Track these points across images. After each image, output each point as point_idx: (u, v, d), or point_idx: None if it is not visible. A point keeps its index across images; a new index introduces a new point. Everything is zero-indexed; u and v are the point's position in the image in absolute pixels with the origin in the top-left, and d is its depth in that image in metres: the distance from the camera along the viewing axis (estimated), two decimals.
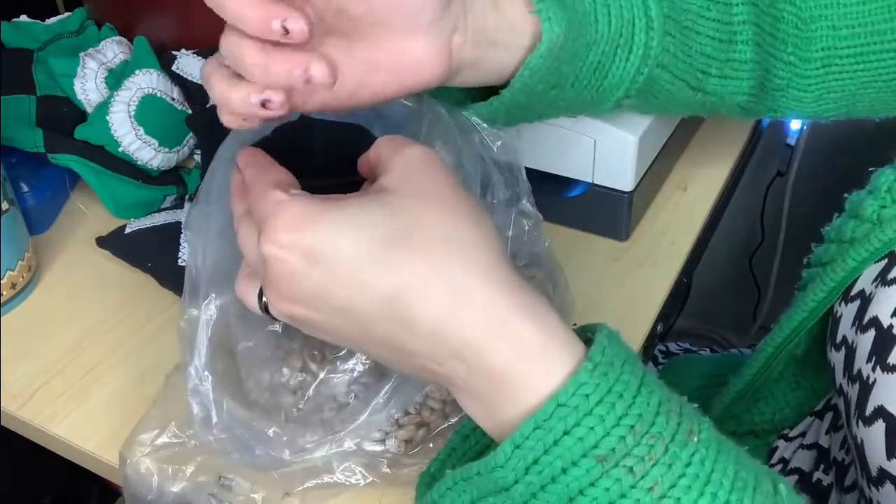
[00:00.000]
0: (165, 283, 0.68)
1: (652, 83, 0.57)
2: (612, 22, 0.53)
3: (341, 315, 0.40)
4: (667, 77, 0.57)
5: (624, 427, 0.37)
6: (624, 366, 0.39)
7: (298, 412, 0.51)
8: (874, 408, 0.46)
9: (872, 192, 0.51)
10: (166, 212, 0.73)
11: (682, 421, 0.38)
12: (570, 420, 0.36)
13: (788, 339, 0.57)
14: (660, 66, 0.56)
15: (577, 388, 0.37)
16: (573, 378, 0.37)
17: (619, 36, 0.54)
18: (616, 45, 0.54)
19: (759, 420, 0.67)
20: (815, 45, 0.59)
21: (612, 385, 0.37)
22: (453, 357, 0.39)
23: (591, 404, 0.37)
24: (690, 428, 0.38)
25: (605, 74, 0.55)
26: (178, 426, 0.52)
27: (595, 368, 0.37)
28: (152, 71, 0.76)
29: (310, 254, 0.38)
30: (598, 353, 0.38)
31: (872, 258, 0.50)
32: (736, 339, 1.64)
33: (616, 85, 0.56)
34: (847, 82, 0.60)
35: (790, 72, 0.60)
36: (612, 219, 0.72)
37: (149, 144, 0.74)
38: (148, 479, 0.51)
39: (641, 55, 0.55)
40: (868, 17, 0.58)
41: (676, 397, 0.40)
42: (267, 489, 0.52)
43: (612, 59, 0.54)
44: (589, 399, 0.37)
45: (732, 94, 0.61)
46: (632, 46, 0.54)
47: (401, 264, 0.38)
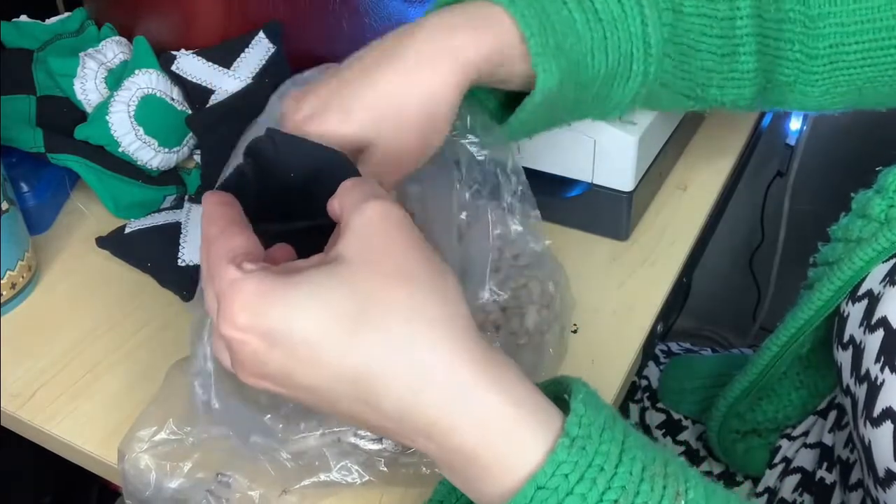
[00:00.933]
0: (165, 283, 0.68)
1: (652, 98, 0.59)
2: (609, 58, 0.55)
3: (308, 392, 0.38)
4: (666, 93, 0.59)
5: (607, 503, 0.35)
6: (603, 434, 0.37)
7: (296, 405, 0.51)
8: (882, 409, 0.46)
9: (880, 191, 0.51)
10: (166, 212, 0.73)
11: (668, 483, 0.37)
12: (550, 502, 0.35)
13: (794, 337, 0.57)
14: (660, 85, 0.57)
15: (556, 469, 0.36)
16: (551, 457, 0.36)
17: (616, 67, 0.55)
18: (614, 76, 0.56)
19: (762, 419, 0.67)
20: (823, 42, 0.59)
21: (592, 459, 0.36)
22: (422, 436, 0.38)
23: (572, 483, 0.35)
24: (677, 490, 0.37)
25: (604, 100, 0.57)
26: (177, 423, 0.52)
27: (573, 444, 0.36)
28: (152, 71, 0.76)
29: (268, 336, 0.37)
30: (575, 426, 0.37)
31: (880, 258, 0.50)
32: (736, 339, 1.64)
33: (615, 107, 0.58)
34: (854, 77, 0.60)
35: (797, 69, 0.60)
36: (612, 219, 0.72)
37: (149, 144, 0.74)
38: (146, 475, 0.51)
39: (640, 81, 0.57)
40: (876, 13, 0.58)
41: (662, 454, 0.39)
42: (264, 486, 0.52)
43: (611, 88, 0.56)
44: (569, 478, 0.35)
45: (734, 99, 0.61)
46: (630, 74, 0.56)
47: (359, 345, 0.37)
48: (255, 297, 0.37)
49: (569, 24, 0.53)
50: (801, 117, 1.32)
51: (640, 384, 0.80)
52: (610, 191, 0.70)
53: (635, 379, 0.80)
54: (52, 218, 0.76)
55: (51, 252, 0.73)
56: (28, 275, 0.68)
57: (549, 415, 0.38)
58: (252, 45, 0.77)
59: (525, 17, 0.51)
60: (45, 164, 0.73)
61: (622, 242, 0.73)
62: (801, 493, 0.64)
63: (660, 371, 0.80)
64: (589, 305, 0.66)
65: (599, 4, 0.54)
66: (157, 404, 0.54)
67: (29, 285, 0.69)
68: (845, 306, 0.52)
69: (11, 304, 0.67)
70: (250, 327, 0.37)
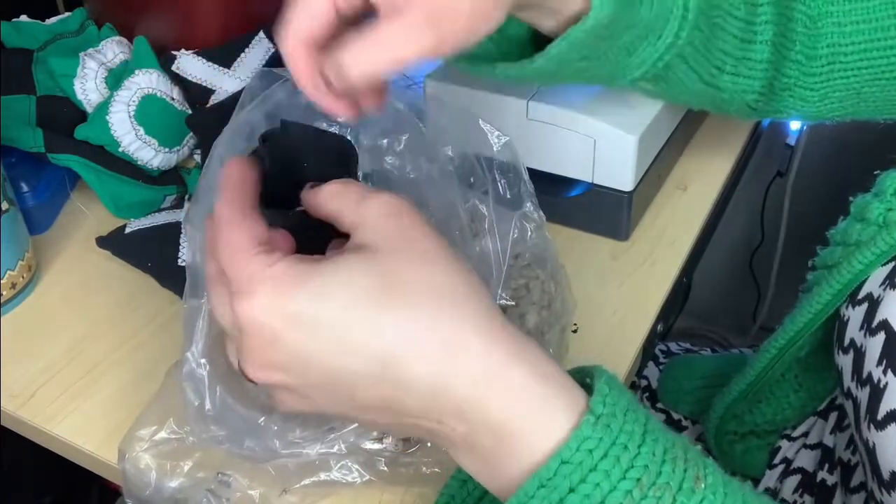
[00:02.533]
0: (165, 283, 0.68)
1: (668, 71, 0.58)
2: (654, 7, 0.53)
3: (324, 380, 0.38)
4: (683, 68, 0.58)
5: (630, 480, 0.35)
6: (627, 414, 0.37)
7: None
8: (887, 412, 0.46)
9: (878, 195, 0.51)
10: (166, 212, 0.73)
11: (689, 467, 0.37)
12: (574, 477, 0.35)
13: (792, 341, 0.57)
14: (679, 56, 0.57)
15: (581, 444, 0.36)
16: (576, 433, 0.36)
17: (655, 20, 0.54)
18: (649, 30, 0.54)
19: (760, 420, 0.67)
20: (822, 42, 0.59)
21: (616, 437, 0.36)
22: (452, 414, 0.37)
23: (596, 459, 0.36)
24: (696, 474, 0.37)
25: (630, 54, 0.55)
26: (177, 422, 0.52)
27: (597, 421, 0.36)
28: (152, 71, 0.76)
29: (290, 318, 0.37)
30: (600, 404, 0.37)
31: (879, 261, 0.50)
32: (736, 339, 1.64)
33: (637, 65, 0.56)
34: (852, 79, 0.60)
35: (797, 69, 0.60)
36: (612, 219, 0.72)
37: (149, 144, 0.74)
38: (146, 474, 0.51)
39: (669, 43, 0.55)
40: (873, 13, 0.58)
41: (681, 440, 0.39)
42: (265, 486, 0.52)
43: (642, 43, 0.55)
44: (593, 454, 0.36)
45: (743, 91, 0.61)
46: (662, 33, 0.54)
47: (388, 324, 0.37)
48: (283, 280, 0.37)
49: None
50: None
51: (639, 384, 0.80)
52: (610, 191, 0.70)
53: (635, 379, 0.80)
54: (52, 218, 0.76)
55: (51, 252, 0.73)
56: (28, 275, 0.68)
57: (575, 393, 0.38)
58: (252, 45, 0.77)
59: None
60: (45, 164, 0.73)
61: (622, 242, 0.73)
62: (802, 494, 0.64)
63: (659, 371, 0.80)
64: (589, 305, 0.66)
65: None
66: (158, 404, 0.54)
67: (29, 285, 0.69)
68: (845, 310, 0.52)
69: (11, 304, 0.67)
70: (275, 309, 0.37)
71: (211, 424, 0.49)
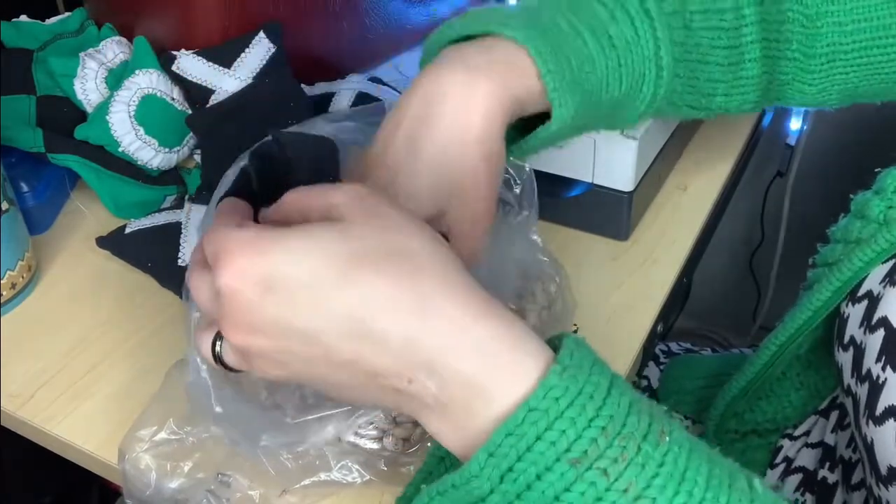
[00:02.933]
0: (165, 283, 0.68)
1: (657, 113, 0.60)
2: (623, 82, 0.55)
3: (300, 341, 0.39)
4: (671, 108, 0.61)
5: (595, 429, 0.36)
6: (593, 367, 0.38)
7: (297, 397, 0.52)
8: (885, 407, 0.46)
9: (879, 192, 0.51)
10: (166, 212, 0.73)
11: (653, 421, 0.38)
12: (541, 424, 0.36)
13: (792, 338, 0.57)
14: (666, 101, 0.58)
15: (547, 392, 0.37)
16: (543, 382, 0.37)
17: (629, 90, 0.56)
18: (626, 99, 0.56)
19: (761, 419, 0.67)
20: (821, 42, 0.59)
21: (582, 387, 0.37)
22: (425, 369, 0.38)
23: (562, 407, 0.36)
24: (661, 428, 0.38)
25: (612, 121, 0.59)
26: (177, 422, 0.52)
27: (564, 371, 0.37)
28: (152, 71, 0.76)
29: (265, 280, 0.38)
30: (567, 356, 0.38)
31: (879, 258, 0.50)
32: (736, 339, 1.64)
33: (621, 124, 0.60)
34: (851, 75, 0.61)
35: (795, 67, 0.60)
36: (612, 219, 0.72)
37: (149, 144, 0.74)
38: (146, 474, 0.51)
39: (647, 102, 0.57)
40: (873, 11, 0.58)
41: (647, 399, 0.40)
42: (265, 486, 0.52)
43: (621, 109, 0.57)
44: (559, 402, 0.36)
45: (738, 105, 0.62)
46: (639, 96, 0.57)
47: (361, 281, 0.38)
48: (252, 243, 0.38)
49: (584, 55, 0.53)
50: (801, 117, 1.32)
51: (640, 384, 0.80)
52: (610, 191, 0.70)
53: (635, 379, 0.80)
54: (52, 218, 0.76)
55: (51, 252, 0.73)
56: (28, 275, 0.68)
57: (544, 348, 0.39)
58: (252, 45, 0.77)
59: (542, 54, 0.51)
60: (45, 164, 0.73)
61: (622, 242, 0.73)
62: (804, 493, 0.64)
63: (660, 371, 0.80)
64: (589, 305, 0.66)
65: (613, 30, 0.54)
66: (158, 404, 0.54)
67: (29, 285, 0.69)
68: (845, 307, 0.52)
69: (11, 304, 0.67)
70: (247, 271, 0.38)
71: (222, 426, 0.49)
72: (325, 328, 0.38)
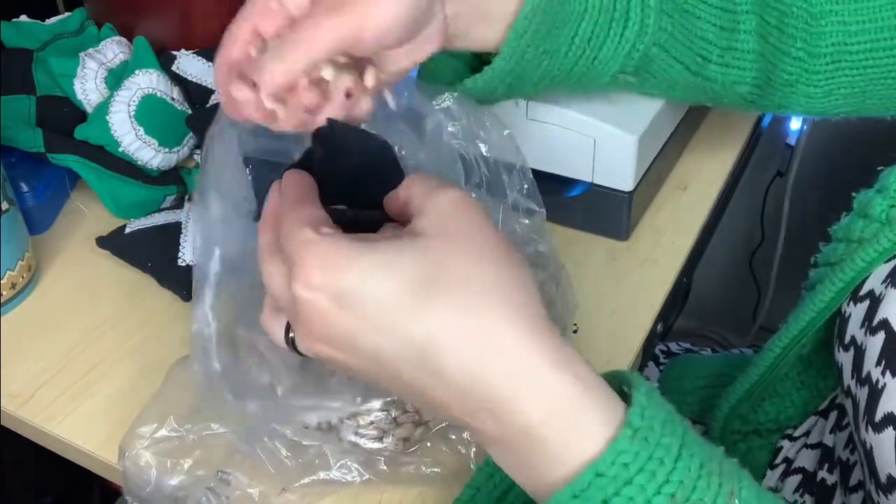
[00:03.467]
0: (165, 283, 0.68)
1: (650, 62, 0.58)
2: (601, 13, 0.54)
3: (370, 359, 0.38)
4: (665, 57, 0.58)
5: (665, 496, 0.35)
6: (664, 427, 0.37)
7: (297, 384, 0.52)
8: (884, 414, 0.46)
9: (881, 191, 0.51)
10: (166, 212, 0.73)
11: (723, 482, 0.37)
12: (609, 490, 0.35)
13: (796, 339, 0.57)
14: (657, 46, 0.57)
15: (617, 457, 0.36)
16: (612, 446, 0.36)
17: (612, 9, 0.54)
18: (610, 18, 0.55)
19: (763, 420, 0.67)
20: (825, 41, 0.59)
21: (653, 451, 0.36)
22: (484, 410, 0.37)
23: (632, 473, 0.35)
24: (731, 489, 0.37)
25: (599, 47, 0.56)
26: (178, 420, 0.52)
27: (635, 434, 0.36)
28: (152, 71, 0.76)
29: (340, 296, 0.37)
30: (638, 416, 0.37)
31: (882, 258, 0.49)
32: (736, 339, 1.64)
33: (610, 58, 0.56)
34: (857, 78, 0.60)
35: (799, 67, 0.60)
36: (612, 219, 0.72)
37: (149, 144, 0.74)
38: (147, 472, 0.52)
39: (637, 31, 0.55)
40: (878, 12, 0.58)
41: (718, 453, 0.38)
42: (264, 484, 0.52)
43: (607, 33, 0.55)
44: (629, 468, 0.35)
45: (734, 82, 0.61)
46: (626, 21, 0.55)
47: (431, 311, 0.37)
48: (332, 258, 0.38)
49: None
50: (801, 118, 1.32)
51: None
52: (610, 191, 0.70)
53: None
54: (52, 218, 0.76)
55: (51, 252, 0.73)
56: (28, 275, 0.68)
57: (614, 403, 0.38)
58: None
59: None
60: (45, 164, 0.73)
61: (622, 242, 0.73)
62: (803, 494, 0.64)
63: (660, 371, 0.80)
64: (589, 305, 0.66)
65: None
66: (159, 401, 0.54)
67: (29, 285, 0.69)
68: (846, 307, 0.52)
69: (11, 304, 0.67)
70: (323, 286, 0.37)
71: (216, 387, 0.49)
72: (393, 353, 0.38)
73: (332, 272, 0.37)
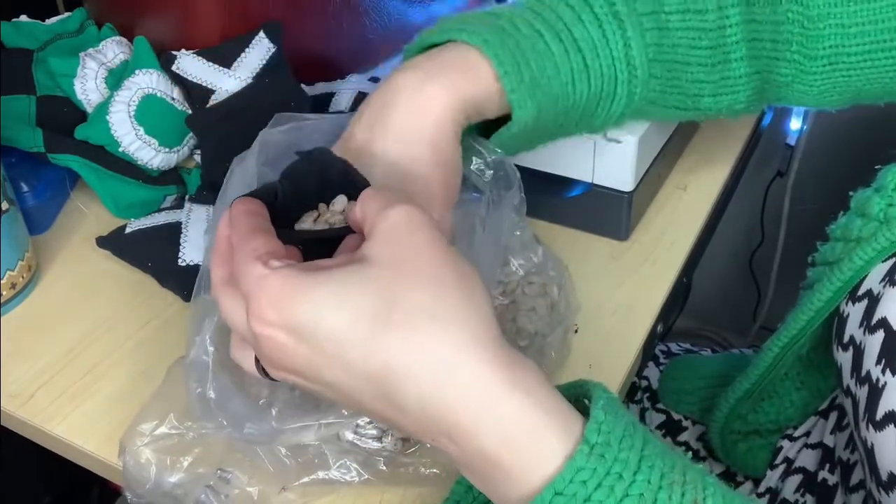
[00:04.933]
0: (165, 283, 0.68)
1: (643, 113, 0.59)
2: (591, 83, 0.56)
3: (332, 389, 0.39)
4: (656, 109, 0.60)
5: None
6: (622, 441, 0.37)
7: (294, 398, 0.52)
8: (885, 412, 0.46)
9: (879, 190, 0.51)
10: (166, 212, 0.73)
11: (686, 491, 0.37)
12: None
13: (795, 338, 0.57)
14: (649, 102, 0.58)
15: (575, 475, 0.36)
16: (569, 463, 0.36)
17: (600, 92, 0.56)
18: (598, 100, 0.57)
19: (763, 420, 0.67)
20: (823, 43, 0.59)
21: (611, 466, 0.36)
22: (444, 436, 0.38)
23: (590, 490, 0.36)
24: (695, 498, 0.37)
25: (589, 122, 0.59)
26: (178, 417, 0.52)
27: (591, 451, 0.36)
28: (152, 71, 0.76)
29: (294, 331, 0.38)
30: (595, 433, 0.37)
31: (880, 257, 0.49)
32: (736, 339, 1.64)
33: (602, 126, 0.60)
34: (854, 78, 0.60)
35: (795, 69, 0.60)
36: (612, 219, 0.72)
37: (149, 144, 0.74)
38: (146, 468, 0.52)
39: (624, 103, 0.58)
40: (877, 14, 0.58)
41: (681, 461, 0.39)
42: (264, 483, 0.52)
43: (595, 111, 0.58)
44: (587, 485, 0.36)
45: (729, 105, 0.62)
46: (614, 98, 0.57)
47: (383, 343, 0.37)
48: (283, 293, 0.38)
49: (546, 57, 0.54)
50: (801, 118, 1.32)
51: (640, 384, 0.80)
52: (610, 191, 0.70)
53: (635, 379, 0.80)
54: (52, 218, 0.76)
55: (51, 252, 0.73)
56: (28, 275, 0.68)
57: (570, 420, 0.38)
58: (252, 45, 0.77)
59: (499, 56, 0.52)
60: (45, 164, 0.73)
61: (622, 242, 0.73)
62: (804, 494, 0.64)
63: (660, 371, 0.80)
64: (589, 305, 0.66)
65: (578, 32, 0.55)
66: (159, 399, 0.54)
67: (29, 285, 0.69)
68: (845, 306, 0.52)
69: (11, 304, 0.67)
70: (278, 322, 0.38)
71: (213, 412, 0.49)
72: (351, 385, 0.38)
73: (285, 307, 0.38)
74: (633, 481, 0.36)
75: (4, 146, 0.71)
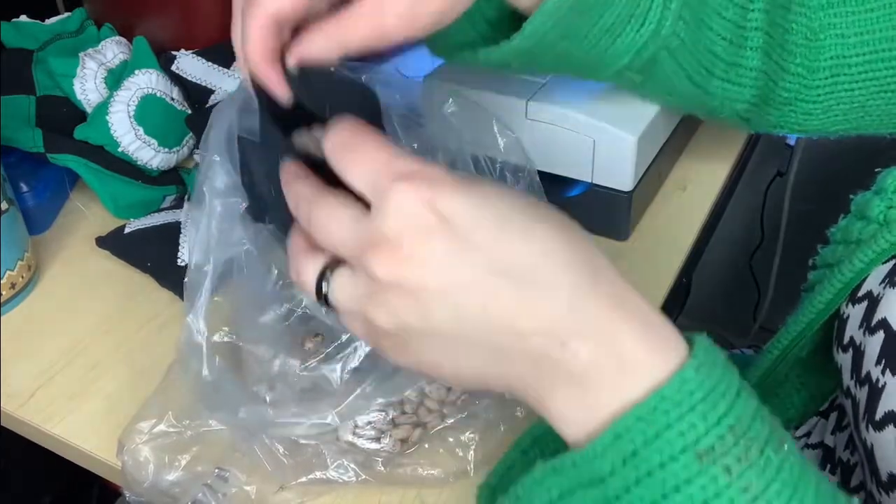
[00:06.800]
0: (165, 282, 0.68)
1: (656, 65, 0.58)
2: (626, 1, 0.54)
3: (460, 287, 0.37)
4: (671, 64, 0.58)
5: (724, 427, 0.36)
6: (725, 367, 0.39)
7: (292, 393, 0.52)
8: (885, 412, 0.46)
9: (879, 192, 0.51)
10: (166, 212, 0.73)
11: (773, 430, 0.38)
12: (672, 414, 0.36)
13: (795, 341, 0.57)
14: (666, 50, 0.57)
15: (682, 385, 0.37)
16: (679, 374, 0.37)
17: (636, 5, 0.54)
18: (631, 14, 0.55)
19: None
20: (824, 55, 0.59)
21: (715, 384, 0.37)
22: (584, 333, 0.38)
23: (695, 401, 0.36)
24: (781, 437, 0.38)
25: (614, 39, 0.56)
26: (177, 416, 0.52)
27: (700, 366, 0.37)
28: (152, 71, 0.76)
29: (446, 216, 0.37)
30: (703, 352, 0.38)
31: (880, 259, 0.50)
32: (736, 340, 1.64)
33: (622, 52, 0.56)
34: (856, 92, 0.60)
35: (798, 83, 0.60)
36: (612, 219, 0.72)
37: (148, 144, 0.74)
38: (145, 466, 0.52)
39: (652, 30, 0.55)
40: (876, 23, 0.58)
41: (766, 408, 0.40)
42: (262, 482, 0.52)
43: (625, 26, 0.55)
44: (693, 396, 0.36)
45: (733, 99, 0.61)
46: (645, 19, 0.55)
47: (543, 233, 0.39)
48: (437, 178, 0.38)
49: None
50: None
51: None
52: (610, 191, 0.70)
53: None
54: (52, 218, 0.76)
55: (51, 252, 0.73)
56: (28, 275, 0.68)
57: (680, 340, 0.39)
58: None
59: None
60: (45, 164, 0.73)
61: (622, 242, 0.73)
62: None
63: None
64: None
65: None
66: (158, 397, 0.54)
67: (29, 285, 0.69)
68: (845, 308, 0.52)
69: (11, 304, 0.67)
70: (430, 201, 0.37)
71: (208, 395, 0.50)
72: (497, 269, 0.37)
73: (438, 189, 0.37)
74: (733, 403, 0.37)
75: (4, 146, 0.71)
